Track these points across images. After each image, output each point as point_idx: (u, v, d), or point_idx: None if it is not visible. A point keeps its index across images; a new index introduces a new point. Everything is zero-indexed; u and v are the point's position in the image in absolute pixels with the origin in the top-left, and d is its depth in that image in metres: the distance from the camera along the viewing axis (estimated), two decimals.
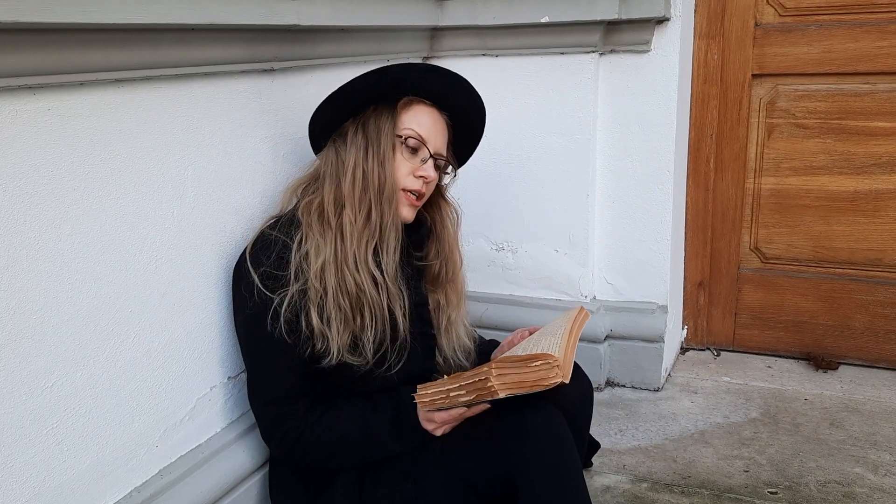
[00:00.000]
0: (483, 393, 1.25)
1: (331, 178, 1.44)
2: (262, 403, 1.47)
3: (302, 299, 1.38)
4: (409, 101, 1.47)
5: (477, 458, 1.38)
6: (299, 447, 1.44)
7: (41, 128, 1.14)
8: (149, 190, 1.35)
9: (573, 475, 1.35)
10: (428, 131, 1.48)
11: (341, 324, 1.39)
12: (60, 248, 1.19)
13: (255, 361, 1.46)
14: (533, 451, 1.33)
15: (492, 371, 1.23)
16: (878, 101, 2.23)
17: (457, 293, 1.60)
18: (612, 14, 2.06)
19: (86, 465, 1.27)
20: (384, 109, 1.45)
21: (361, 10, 1.79)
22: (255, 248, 1.42)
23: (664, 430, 2.09)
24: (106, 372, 1.29)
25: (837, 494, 1.77)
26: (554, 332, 1.41)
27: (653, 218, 2.28)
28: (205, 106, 1.45)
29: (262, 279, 1.38)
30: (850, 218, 2.33)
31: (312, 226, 1.41)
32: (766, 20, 2.29)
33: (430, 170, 1.47)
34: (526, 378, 1.25)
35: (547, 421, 1.35)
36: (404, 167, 1.45)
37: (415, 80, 1.46)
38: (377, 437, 1.41)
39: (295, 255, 1.39)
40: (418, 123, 1.46)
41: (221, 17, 1.35)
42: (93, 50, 1.17)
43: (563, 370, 1.28)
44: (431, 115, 1.49)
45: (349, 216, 1.40)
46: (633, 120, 2.23)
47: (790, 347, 2.49)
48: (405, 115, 1.46)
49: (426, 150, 1.47)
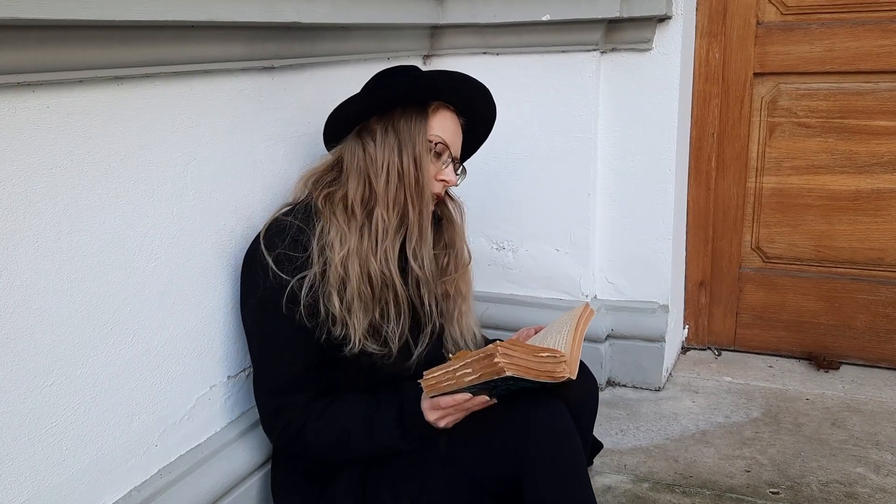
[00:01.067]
0: (488, 371, 1.24)
1: (357, 174, 1.44)
2: (265, 391, 1.46)
3: (323, 285, 1.39)
4: (437, 107, 1.48)
5: (482, 455, 1.38)
6: (300, 440, 1.43)
7: (40, 125, 1.14)
8: (148, 188, 1.34)
9: (578, 471, 1.35)
10: (451, 137, 1.51)
11: (361, 312, 1.40)
12: (59, 247, 1.19)
13: (263, 347, 1.45)
14: (538, 447, 1.33)
15: (498, 349, 1.23)
16: (880, 100, 2.22)
17: (466, 284, 1.62)
18: (613, 12, 2.06)
19: (85, 464, 1.26)
20: (414, 112, 1.45)
21: (361, 8, 1.79)
22: (270, 233, 1.42)
23: (665, 430, 2.09)
24: (105, 371, 1.28)
25: (839, 494, 1.77)
26: (560, 329, 1.42)
27: (654, 217, 2.27)
28: (204, 104, 1.45)
29: (277, 262, 1.38)
30: (852, 217, 2.33)
31: (337, 215, 1.42)
32: (767, 19, 2.28)
33: (451, 174, 1.50)
34: (533, 366, 1.25)
35: (552, 416, 1.35)
36: (427, 173, 1.47)
37: (450, 89, 1.49)
38: (380, 434, 1.40)
39: (316, 241, 1.40)
40: (443, 129, 1.49)
41: (221, 14, 1.35)
42: (92, 47, 1.17)
43: (571, 366, 1.29)
44: (454, 122, 1.52)
45: (382, 214, 1.42)
46: (634, 119, 2.22)
47: (791, 347, 2.48)
48: (434, 121, 1.48)
49: (449, 153, 1.50)
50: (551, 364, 1.27)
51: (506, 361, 1.22)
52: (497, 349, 1.23)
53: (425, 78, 1.47)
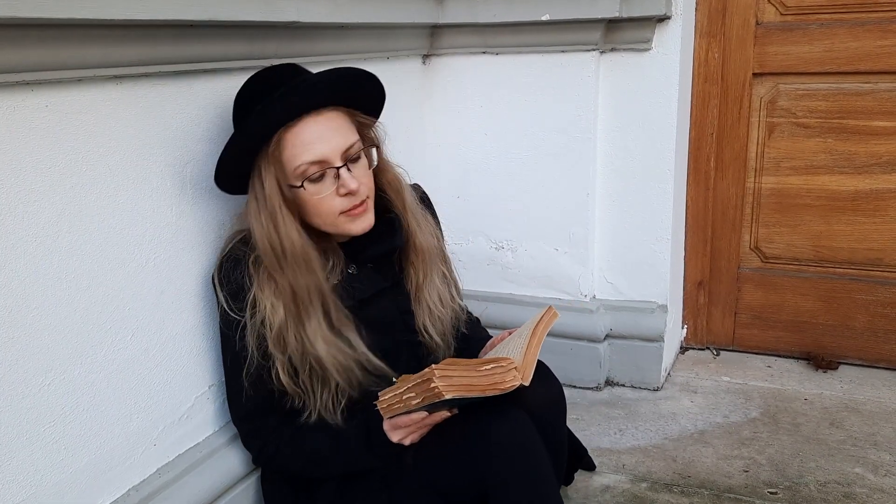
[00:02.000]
0: (429, 395, 1.20)
1: (255, 237, 1.35)
2: (236, 418, 1.47)
3: (266, 359, 1.36)
4: (279, 137, 1.30)
5: (447, 468, 1.36)
6: (277, 460, 1.45)
7: (39, 124, 1.14)
8: (147, 187, 1.34)
9: (544, 483, 1.32)
10: (320, 147, 1.31)
11: (318, 385, 1.37)
12: (58, 245, 1.18)
13: (227, 375, 1.45)
14: (500, 462, 1.29)
15: (434, 372, 1.19)
16: (880, 100, 2.22)
17: (422, 258, 1.49)
18: (612, 12, 2.06)
19: (83, 463, 1.26)
20: (263, 159, 1.31)
21: (361, 8, 1.79)
22: (224, 267, 1.38)
23: (664, 430, 2.09)
24: (103, 370, 1.28)
25: (837, 494, 1.77)
26: (521, 333, 1.39)
27: (653, 217, 2.27)
28: (204, 103, 1.45)
29: (227, 301, 1.37)
30: (851, 217, 2.33)
31: (263, 288, 1.34)
32: (767, 19, 2.28)
33: (349, 182, 1.33)
34: (476, 382, 1.21)
35: (514, 429, 1.31)
36: (326, 198, 1.34)
37: (277, 117, 1.30)
38: (349, 452, 1.40)
39: (249, 312, 1.34)
40: (303, 149, 1.30)
41: (221, 13, 1.35)
42: (91, 46, 1.17)
43: (524, 372, 1.25)
44: (311, 127, 1.32)
45: (286, 281, 1.33)
46: (633, 118, 2.22)
47: (790, 347, 2.48)
48: (286, 155, 1.30)
49: (331, 169, 1.33)
50: (499, 374, 1.22)
51: (444, 385, 1.18)
52: (433, 373, 1.19)
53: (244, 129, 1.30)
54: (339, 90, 1.37)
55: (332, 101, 1.36)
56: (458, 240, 2.41)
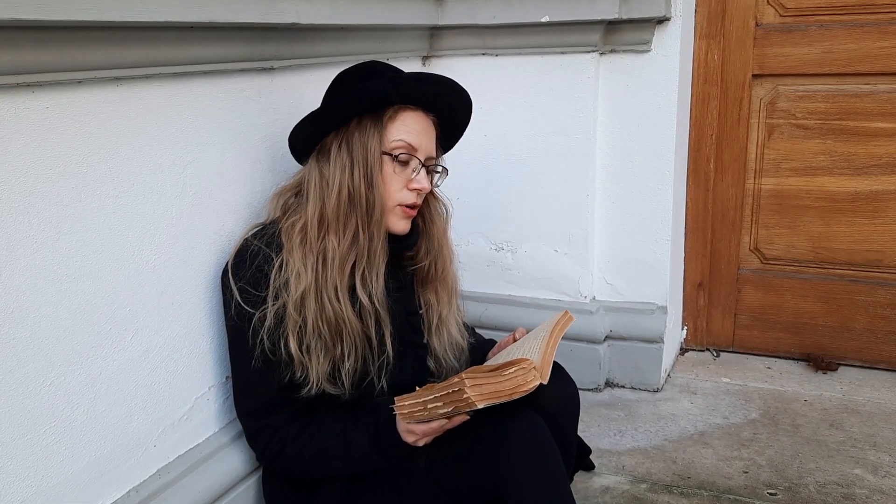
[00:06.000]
0: (461, 405, 1.21)
1: (314, 198, 1.39)
2: (244, 414, 1.47)
3: (280, 325, 1.36)
4: (395, 111, 1.40)
5: (461, 471, 1.36)
6: (281, 459, 1.44)
7: (39, 126, 1.14)
8: (147, 188, 1.34)
9: (559, 485, 1.33)
10: (417, 138, 1.42)
11: (321, 352, 1.37)
12: (59, 247, 1.19)
13: (236, 371, 1.45)
14: (516, 463, 1.30)
15: (465, 382, 1.19)
16: (879, 101, 2.23)
17: (447, 290, 1.56)
18: (612, 14, 2.06)
19: (83, 464, 1.26)
20: (369, 123, 1.38)
21: (361, 9, 1.79)
22: (237, 259, 1.39)
23: (663, 431, 2.09)
24: (104, 371, 1.28)
25: (837, 496, 1.77)
26: (536, 335, 1.40)
27: (653, 218, 2.27)
28: (204, 104, 1.45)
29: (242, 292, 1.37)
30: (850, 219, 2.33)
31: (294, 251, 1.37)
32: (766, 20, 2.29)
33: (423, 181, 1.42)
34: (503, 387, 1.22)
35: (529, 430, 1.32)
36: (396, 182, 1.40)
37: (402, 92, 1.40)
38: (359, 453, 1.39)
39: (274, 279, 1.36)
40: (407, 132, 1.40)
41: (221, 15, 1.35)
42: (91, 48, 1.17)
43: (541, 371, 1.26)
44: (419, 121, 1.43)
45: (333, 241, 1.36)
46: (633, 120, 2.22)
47: (790, 348, 2.48)
48: (392, 128, 1.40)
49: (417, 159, 1.42)
50: (521, 376, 1.22)
51: (475, 395, 1.19)
52: (464, 382, 1.19)
53: (370, 88, 1.37)
54: (454, 111, 1.50)
55: (441, 116, 1.48)
56: (457, 241, 2.40)
